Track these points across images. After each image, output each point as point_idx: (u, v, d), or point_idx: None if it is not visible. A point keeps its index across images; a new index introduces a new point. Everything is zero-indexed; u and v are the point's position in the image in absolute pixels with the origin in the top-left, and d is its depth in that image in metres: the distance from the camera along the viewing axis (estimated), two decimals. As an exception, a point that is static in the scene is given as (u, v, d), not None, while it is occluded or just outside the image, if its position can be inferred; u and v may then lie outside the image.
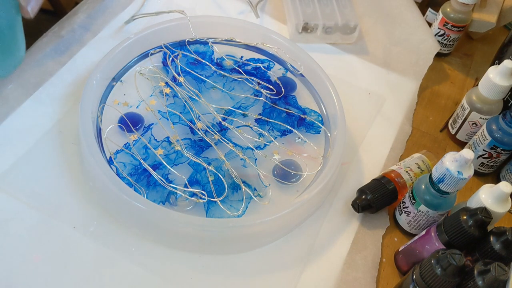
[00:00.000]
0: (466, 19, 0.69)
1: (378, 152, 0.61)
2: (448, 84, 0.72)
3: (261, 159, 0.55)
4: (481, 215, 0.44)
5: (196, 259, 0.48)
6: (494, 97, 0.57)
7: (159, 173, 0.51)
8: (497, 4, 0.75)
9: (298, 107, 0.60)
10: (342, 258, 0.51)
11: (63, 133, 0.54)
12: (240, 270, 0.49)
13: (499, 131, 0.55)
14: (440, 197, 0.48)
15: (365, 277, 0.50)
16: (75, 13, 0.65)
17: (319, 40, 0.70)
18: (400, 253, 0.51)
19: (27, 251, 0.46)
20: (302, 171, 0.54)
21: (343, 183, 0.56)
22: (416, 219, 0.51)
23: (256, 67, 0.63)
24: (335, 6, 0.71)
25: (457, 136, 0.63)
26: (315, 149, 0.57)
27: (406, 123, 0.65)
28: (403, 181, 0.54)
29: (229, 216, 0.50)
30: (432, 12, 0.75)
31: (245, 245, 0.50)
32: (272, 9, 0.74)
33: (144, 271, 0.46)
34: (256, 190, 0.53)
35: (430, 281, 0.41)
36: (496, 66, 0.56)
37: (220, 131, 0.56)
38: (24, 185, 0.49)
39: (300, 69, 0.63)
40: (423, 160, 0.56)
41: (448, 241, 0.45)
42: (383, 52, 0.72)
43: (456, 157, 0.45)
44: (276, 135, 0.58)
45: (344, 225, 0.53)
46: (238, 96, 0.60)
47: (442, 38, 0.72)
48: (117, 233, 0.48)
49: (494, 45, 0.72)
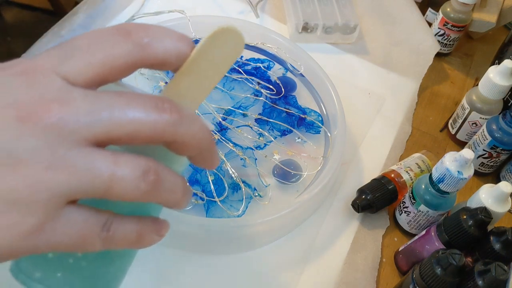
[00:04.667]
0: (466, 19, 0.69)
1: (378, 152, 0.61)
2: (448, 84, 0.72)
3: (261, 159, 0.55)
4: (481, 215, 0.44)
5: (196, 259, 0.48)
6: (494, 97, 0.57)
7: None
8: (497, 4, 0.75)
9: (298, 107, 0.60)
10: (342, 258, 0.51)
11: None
12: (240, 270, 0.49)
13: (499, 131, 0.55)
14: (440, 197, 0.48)
15: (365, 277, 0.50)
16: (75, 13, 0.65)
17: (319, 40, 0.70)
18: (400, 253, 0.51)
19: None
20: (302, 171, 0.54)
21: (343, 183, 0.56)
22: (416, 219, 0.51)
23: (256, 67, 0.63)
24: (335, 6, 0.71)
25: (457, 136, 0.63)
26: (315, 149, 0.57)
27: (406, 123, 0.65)
28: (403, 181, 0.54)
29: (229, 216, 0.50)
30: (432, 12, 0.75)
31: (245, 245, 0.50)
32: (272, 9, 0.74)
33: (144, 271, 0.46)
34: (256, 190, 0.52)
35: (430, 281, 0.41)
36: (496, 66, 0.56)
37: (220, 131, 0.56)
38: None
39: (300, 69, 0.63)
40: (423, 160, 0.56)
41: (448, 241, 0.45)
42: (383, 52, 0.72)
43: (456, 157, 0.45)
44: (276, 135, 0.58)
45: (344, 225, 0.53)
46: (238, 96, 0.60)
47: (442, 38, 0.72)
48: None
49: (494, 45, 0.72)
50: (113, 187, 0.22)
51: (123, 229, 0.24)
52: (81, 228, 0.23)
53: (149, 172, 0.23)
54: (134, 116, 0.23)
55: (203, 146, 0.26)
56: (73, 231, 0.23)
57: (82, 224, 0.23)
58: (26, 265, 0.26)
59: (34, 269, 0.26)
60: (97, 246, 0.24)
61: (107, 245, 0.24)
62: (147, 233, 0.26)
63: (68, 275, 0.27)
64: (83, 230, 0.23)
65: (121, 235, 0.24)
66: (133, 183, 0.23)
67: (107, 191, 0.22)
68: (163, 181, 0.24)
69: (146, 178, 0.23)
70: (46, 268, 0.26)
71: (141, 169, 0.23)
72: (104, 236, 0.24)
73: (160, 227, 0.27)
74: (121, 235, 0.24)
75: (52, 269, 0.26)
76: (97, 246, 0.24)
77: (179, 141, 0.24)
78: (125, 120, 0.23)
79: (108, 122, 0.22)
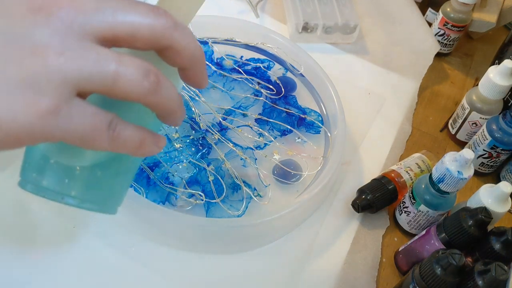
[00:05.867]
0: (466, 19, 0.69)
1: (378, 152, 0.61)
2: (448, 84, 0.72)
3: (261, 159, 0.55)
4: (481, 215, 0.44)
5: (196, 259, 0.48)
6: (494, 97, 0.57)
7: (159, 172, 0.51)
8: (497, 4, 0.75)
9: (298, 107, 0.60)
10: (342, 258, 0.51)
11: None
12: (240, 270, 0.49)
13: (499, 131, 0.55)
14: (440, 197, 0.48)
15: (365, 277, 0.50)
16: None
17: (319, 40, 0.70)
18: (400, 253, 0.51)
19: (26, 250, 0.46)
20: (302, 171, 0.54)
21: (343, 183, 0.56)
22: (416, 219, 0.51)
23: (256, 67, 0.63)
24: (335, 6, 0.71)
25: (457, 136, 0.63)
26: (315, 149, 0.57)
27: (406, 123, 0.65)
28: (403, 181, 0.54)
29: (229, 216, 0.50)
30: (432, 12, 0.75)
31: (245, 245, 0.50)
32: (272, 9, 0.74)
33: (144, 271, 0.46)
34: (256, 190, 0.52)
35: (430, 281, 0.41)
36: (496, 66, 0.56)
37: (220, 130, 0.56)
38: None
39: (300, 69, 0.63)
40: (423, 160, 0.56)
41: (448, 241, 0.45)
42: (383, 52, 0.72)
43: (456, 157, 0.45)
44: (276, 135, 0.58)
45: (344, 225, 0.53)
46: (238, 96, 0.60)
47: (442, 38, 0.72)
48: (117, 232, 0.48)
49: (494, 45, 0.72)
50: (119, 82, 0.24)
51: (127, 132, 0.26)
52: (91, 120, 0.25)
53: (150, 73, 0.25)
54: (135, 17, 0.25)
55: (196, 57, 0.28)
56: (84, 121, 0.24)
57: (92, 117, 0.25)
58: (33, 175, 0.29)
59: (41, 177, 0.29)
60: (104, 143, 0.26)
61: (113, 144, 0.26)
62: (147, 142, 0.28)
63: (72, 182, 0.29)
64: (93, 122, 0.25)
65: (125, 137, 0.26)
66: (137, 80, 0.25)
67: (113, 85, 0.24)
68: (163, 84, 0.26)
69: (148, 78, 0.25)
70: (53, 174, 0.29)
71: (144, 69, 0.25)
72: (111, 135, 0.26)
73: (158, 140, 0.29)
74: (125, 137, 0.26)
75: (59, 176, 0.29)
76: (104, 143, 0.26)
77: (174, 47, 0.27)
78: (128, 20, 0.25)
79: (113, 20, 0.25)
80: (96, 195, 0.30)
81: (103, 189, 0.30)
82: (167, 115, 0.28)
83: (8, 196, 0.48)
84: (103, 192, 0.31)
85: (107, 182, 0.31)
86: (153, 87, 0.26)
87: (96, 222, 0.48)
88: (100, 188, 0.30)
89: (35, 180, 0.29)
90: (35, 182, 0.29)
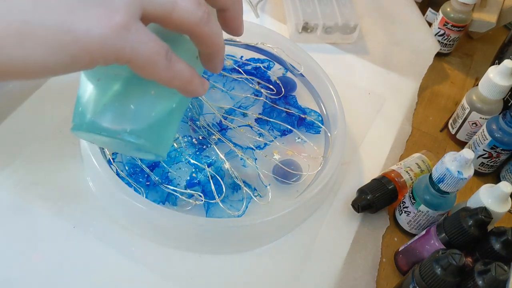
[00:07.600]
0: (466, 19, 0.69)
1: (378, 152, 0.61)
2: (448, 84, 0.72)
3: (261, 158, 0.55)
4: (481, 215, 0.44)
5: (196, 259, 0.48)
6: (494, 97, 0.57)
7: (160, 172, 0.51)
8: (497, 4, 0.75)
9: (298, 107, 0.60)
10: (342, 258, 0.51)
11: (63, 133, 0.54)
12: (240, 270, 0.49)
13: (499, 131, 0.55)
14: (440, 197, 0.48)
15: (365, 277, 0.50)
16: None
17: (319, 40, 0.70)
18: (400, 253, 0.51)
19: (26, 250, 0.46)
20: (302, 171, 0.54)
21: (343, 183, 0.56)
22: (416, 219, 0.51)
23: (256, 67, 0.63)
24: (335, 6, 0.71)
25: (457, 136, 0.63)
26: (315, 149, 0.57)
27: (406, 123, 0.65)
28: (403, 181, 0.54)
29: (229, 216, 0.50)
30: (432, 12, 0.75)
31: (245, 245, 0.50)
32: (272, 9, 0.74)
33: (144, 271, 0.46)
34: (256, 190, 0.52)
35: (430, 281, 0.41)
36: (496, 66, 0.56)
37: (220, 130, 0.56)
38: (24, 184, 0.49)
39: (300, 69, 0.63)
40: (423, 160, 0.56)
41: (448, 241, 0.45)
42: (383, 52, 0.72)
43: (456, 157, 0.45)
44: (276, 134, 0.58)
45: (344, 225, 0.53)
46: (238, 95, 0.60)
47: (442, 38, 0.72)
48: (117, 233, 0.48)
49: (494, 45, 0.72)
50: (177, 7, 0.28)
51: (180, 65, 0.29)
52: (154, 44, 0.27)
53: (203, 4, 0.29)
54: None
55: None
56: (149, 43, 0.27)
57: (154, 42, 0.27)
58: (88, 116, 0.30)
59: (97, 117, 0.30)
60: (162, 71, 0.28)
61: (168, 73, 0.28)
62: (195, 80, 0.30)
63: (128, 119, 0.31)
64: (156, 46, 0.27)
65: (179, 69, 0.29)
66: (192, 8, 0.28)
67: (172, 11, 0.27)
68: (212, 17, 0.30)
69: (202, 8, 0.29)
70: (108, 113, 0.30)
71: (197, 0, 0.28)
72: (167, 63, 0.28)
73: (204, 81, 0.32)
74: (179, 69, 0.29)
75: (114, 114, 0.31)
76: (161, 71, 0.28)
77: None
78: None
79: None
80: (151, 133, 0.31)
81: (157, 129, 0.32)
82: (213, 52, 0.31)
83: (8, 196, 0.48)
84: (157, 132, 0.32)
85: (159, 123, 0.32)
86: (206, 17, 0.29)
87: (96, 223, 0.48)
88: (154, 127, 0.31)
89: (90, 121, 0.30)
90: (90, 123, 0.30)
